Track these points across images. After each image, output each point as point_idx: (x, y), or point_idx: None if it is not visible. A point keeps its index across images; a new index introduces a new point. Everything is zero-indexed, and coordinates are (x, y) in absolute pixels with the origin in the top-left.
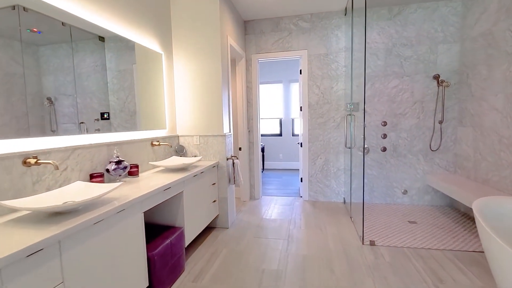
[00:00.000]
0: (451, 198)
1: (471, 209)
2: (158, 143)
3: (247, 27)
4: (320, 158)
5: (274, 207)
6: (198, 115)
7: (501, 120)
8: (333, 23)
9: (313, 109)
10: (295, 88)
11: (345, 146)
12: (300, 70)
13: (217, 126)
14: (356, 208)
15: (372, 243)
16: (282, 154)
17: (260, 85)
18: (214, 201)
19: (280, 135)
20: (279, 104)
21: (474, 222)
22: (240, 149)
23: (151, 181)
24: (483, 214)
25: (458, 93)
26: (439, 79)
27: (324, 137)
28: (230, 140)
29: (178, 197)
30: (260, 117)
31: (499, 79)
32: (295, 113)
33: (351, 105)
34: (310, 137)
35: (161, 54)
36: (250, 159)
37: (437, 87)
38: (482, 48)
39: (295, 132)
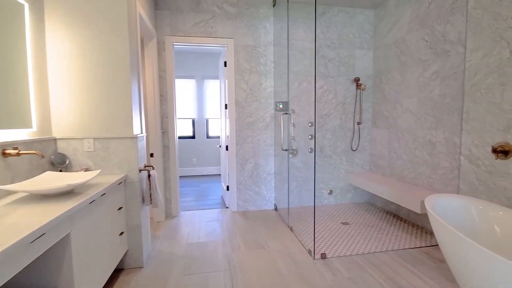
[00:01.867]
0: (369, 194)
1: (386, 203)
2: (15, 151)
3: (159, 0)
4: (250, 163)
5: (199, 225)
6: (91, 108)
7: (415, 122)
8: (261, 13)
9: (241, 107)
10: (210, 85)
11: (282, 148)
12: (225, 62)
13: (124, 125)
14: (293, 216)
15: (323, 256)
16: (196, 158)
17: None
18: (122, 233)
19: (193, 137)
20: (191, 103)
21: (394, 217)
22: (151, 155)
23: None
24: (435, 210)
25: (373, 96)
26: (358, 82)
27: (254, 139)
28: (143, 144)
29: (60, 245)
30: (177, 116)
31: (413, 84)
32: (211, 112)
33: (280, 104)
34: (239, 139)
35: (23, 5)
36: (165, 168)
37: (355, 90)
38: (395, 55)
39: (210, 134)
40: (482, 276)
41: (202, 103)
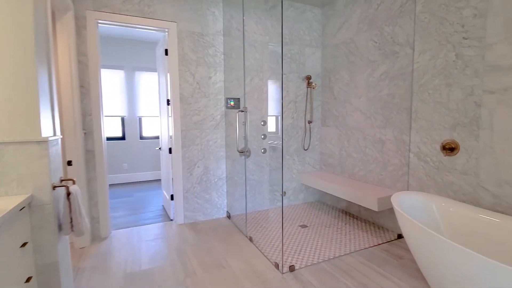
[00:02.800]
0: (319, 193)
1: (337, 201)
2: None
3: None
4: (198, 167)
5: (138, 247)
6: None
7: (365, 120)
8: None
9: (187, 103)
10: (144, 78)
11: (237, 149)
12: (166, 50)
13: (28, 125)
14: (250, 223)
15: (292, 269)
16: (127, 163)
17: None
18: (29, 279)
19: (123, 138)
20: (119, 98)
21: (346, 215)
22: (69, 163)
23: None
24: (402, 208)
25: (322, 95)
26: (310, 81)
27: (202, 140)
28: (57, 150)
29: None
30: (104, 113)
31: (362, 84)
32: (145, 110)
33: (231, 101)
34: (185, 140)
35: None
36: (90, 178)
37: (306, 88)
38: (344, 55)
39: (144, 134)
40: (450, 267)
41: (133, 99)
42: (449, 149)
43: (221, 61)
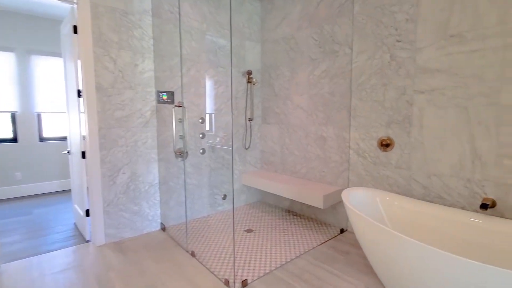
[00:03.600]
0: (260, 193)
1: (279, 200)
2: None
3: None
4: (124, 173)
5: (42, 285)
6: None
7: (307, 118)
8: None
9: (106, 95)
10: (42, 63)
11: (174, 151)
12: (75, 27)
13: None
14: (193, 235)
15: (245, 284)
16: (21, 172)
17: None
18: None
19: (15, 140)
20: (9, 89)
21: (290, 213)
22: None
23: None
24: (350, 203)
25: (262, 91)
26: (250, 76)
27: (129, 140)
28: None
29: None
30: None
31: (303, 81)
32: (45, 104)
33: (164, 95)
34: (105, 141)
35: None
36: None
37: (247, 84)
38: (285, 51)
39: (46, 135)
40: (398, 259)
41: (29, 90)
42: (385, 145)
43: (150, 47)
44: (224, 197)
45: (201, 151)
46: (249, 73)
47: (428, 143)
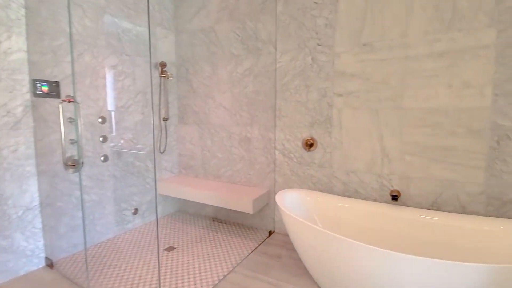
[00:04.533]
0: (179, 202)
1: (201, 208)
2: None
3: None
4: None
5: None
6: None
7: (230, 118)
8: None
9: None
10: None
11: (64, 161)
12: None
13: None
14: (96, 268)
15: None
16: None
17: None
18: None
19: None
20: None
21: (214, 221)
22: None
23: None
24: (285, 205)
25: (178, 88)
26: (163, 69)
27: None
28: None
29: None
30: None
31: (225, 78)
32: None
33: (44, 85)
34: None
35: None
36: None
37: (160, 78)
38: (204, 44)
39: None
40: (331, 257)
41: None
42: (309, 145)
43: (20, 19)
44: (135, 211)
45: (102, 158)
46: (163, 65)
47: (347, 143)
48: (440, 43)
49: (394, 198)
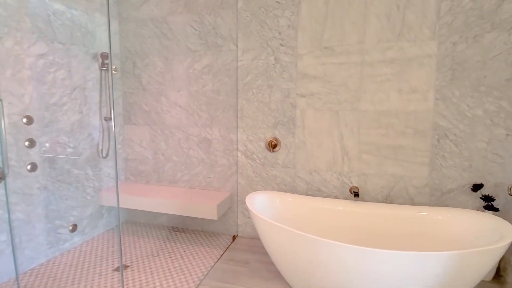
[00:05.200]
0: (127, 212)
1: (153, 217)
2: None
3: None
4: None
5: None
6: None
7: (187, 118)
8: None
9: None
10: None
11: None
12: None
13: None
14: None
15: None
16: None
17: None
18: None
19: None
20: None
21: (170, 231)
22: None
23: None
24: (255, 208)
25: (124, 83)
26: (105, 61)
27: None
28: None
29: None
30: None
31: (181, 75)
32: None
33: None
34: None
35: None
36: None
37: (100, 71)
38: (155, 36)
39: None
40: (303, 256)
41: None
42: (273, 145)
43: None
44: (74, 228)
45: (28, 167)
46: (104, 57)
47: (309, 143)
48: (391, 51)
49: (356, 194)
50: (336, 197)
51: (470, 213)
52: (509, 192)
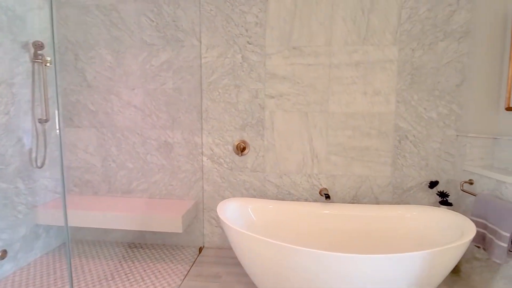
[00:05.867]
0: (71, 230)
1: (103, 233)
2: None
3: None
4: None
5: None
6: None
7: (143, 119)
8: None
9: None
10: None
11: None
12: None
13: None
14: None
15: None
16: None
17: None
18: None
19: None
20: None
21: (125, 247)
22: None
23: None
24: (227, 218)
25: (64, 79)
26: (38, 52)
27: None
28: None
29: None
30: None
31: (135, 71)
32: None
33: None
34: None
35: None
36: None
37: (32, 63)
38: (103, 25)
39: None
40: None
41: None
42: (241, 149)
43: None
44: (3, 254)
45: None
46: (38, 47)
47: (279, 145)
48: (357, 54)
49: (327, 197)
50: (306, 200)
51: (435, 211)
52: (461, 188)
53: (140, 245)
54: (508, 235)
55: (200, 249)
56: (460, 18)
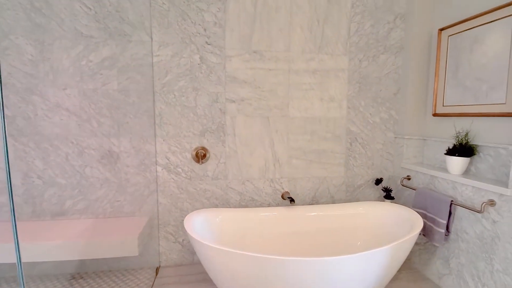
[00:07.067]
0: None
1: (29, 266)
2: None
3: None
4: None
5: None
6: None
7: (79, 126)
8: None
9: None
10: None
11: None
12: None
13: None
14: None
15: None
16: None
17: None
18: None
19: None
20: None
21: (60, 280)
22: None
23: None
24: (194, 232)
25: None
26: None
27: None
28: None
29: None
30: None
31: (67, 67)
32: None
33: None
34: None
35: None
36: None
37: None
38: (21, 9)
39: None
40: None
41: None
42: (201, 156)
43: None
44: None
45: None
46: None
47: (241, 151)
48: (313, 61)
49: (292, 200)
50: (269, 205)
51: (385, 205)
52: (401, 183)
53: (79, 276)
54: (444, 222)
55: (157, 270)
56: (396, 35)
